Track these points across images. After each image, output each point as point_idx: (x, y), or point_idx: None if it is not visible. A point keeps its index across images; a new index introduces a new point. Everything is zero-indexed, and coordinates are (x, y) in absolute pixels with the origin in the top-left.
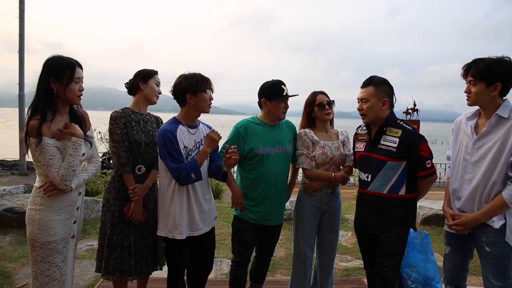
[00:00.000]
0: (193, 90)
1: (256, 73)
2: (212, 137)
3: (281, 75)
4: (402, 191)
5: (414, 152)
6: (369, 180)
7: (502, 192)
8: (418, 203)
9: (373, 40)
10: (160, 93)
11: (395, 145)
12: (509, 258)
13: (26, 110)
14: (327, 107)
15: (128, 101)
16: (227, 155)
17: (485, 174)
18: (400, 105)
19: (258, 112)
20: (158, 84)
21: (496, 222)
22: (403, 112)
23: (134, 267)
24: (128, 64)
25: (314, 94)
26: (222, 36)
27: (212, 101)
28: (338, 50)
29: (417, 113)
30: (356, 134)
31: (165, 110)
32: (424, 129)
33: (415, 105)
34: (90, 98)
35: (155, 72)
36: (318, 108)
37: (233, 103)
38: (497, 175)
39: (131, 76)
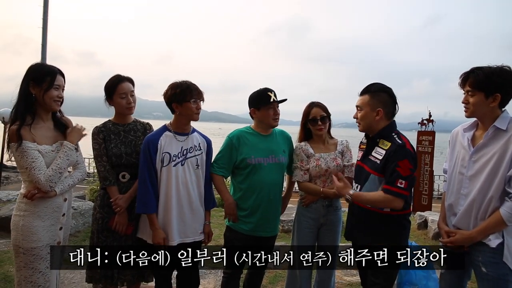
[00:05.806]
0: (177, 100)
1: (283, 82)
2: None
3: (305, 85)
4: (388, 208)
5: (392, 164)
6: (357, 190)
7: (499, 208)
8: (431, 218)
9: (407, 49)
10: (129, 102)
11: (380, 158)
12: (507, 280)
13: None
14: (319, 123)
15: (153, 109)
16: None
17: (482, 189)
18: (425, 115)
19: (281, 123)
20: (124, 95)
21: (493, 241)
22: (418, 123)
23: (118, 274)
24: (156, 73)
25: (310, 107)
26: (251, 46)
27: (199, 110)
28: (368, 59)
29: (432, 124)
30: (360, 142)
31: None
32: (446, 140)
33: (430, 115)
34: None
35: (118, 83)
36: (310, 123)
37: None
38: (494, 190)
39: (157, 86)
